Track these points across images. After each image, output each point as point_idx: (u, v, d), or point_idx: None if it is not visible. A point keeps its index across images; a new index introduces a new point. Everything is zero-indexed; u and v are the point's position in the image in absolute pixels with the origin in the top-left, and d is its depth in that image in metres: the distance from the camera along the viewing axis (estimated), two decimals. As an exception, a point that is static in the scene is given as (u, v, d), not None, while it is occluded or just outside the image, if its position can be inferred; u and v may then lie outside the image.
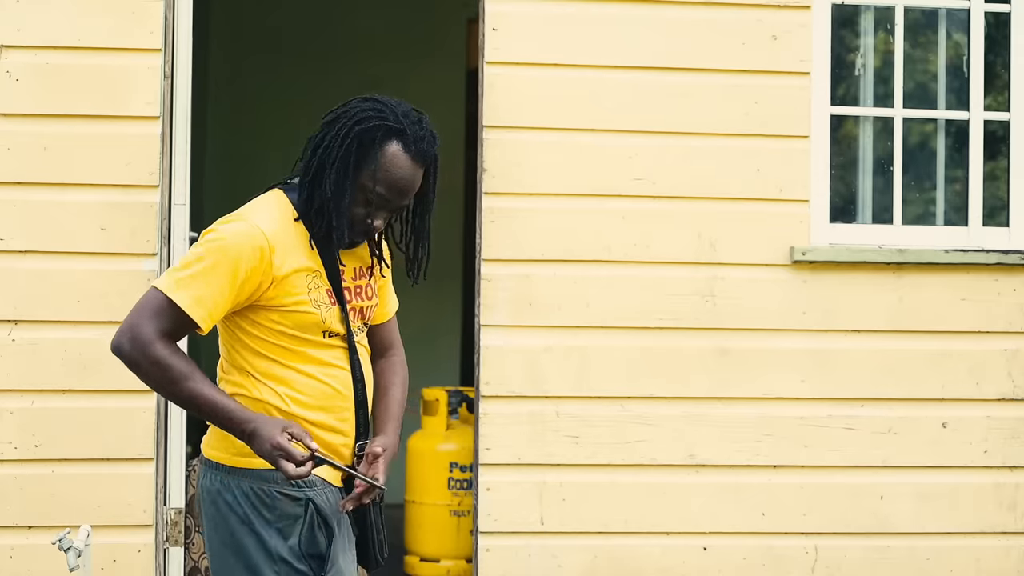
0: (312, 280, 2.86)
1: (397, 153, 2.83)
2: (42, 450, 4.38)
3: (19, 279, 4.40)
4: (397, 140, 2.83)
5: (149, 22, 4.44)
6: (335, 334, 2.90)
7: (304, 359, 2.87)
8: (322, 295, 2.87)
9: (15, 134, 4.41)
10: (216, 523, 2.89)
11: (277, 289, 2.82)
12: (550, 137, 4.60)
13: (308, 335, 2.87)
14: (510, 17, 4.61)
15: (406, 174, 2.84)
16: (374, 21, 7.95)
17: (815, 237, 4.71)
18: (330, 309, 2.88)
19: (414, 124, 2.85)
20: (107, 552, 4.36)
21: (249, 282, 2.79)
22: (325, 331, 2.88)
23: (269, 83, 7.97)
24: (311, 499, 2.89)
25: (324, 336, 2.88)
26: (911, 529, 4.70)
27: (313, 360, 2.88)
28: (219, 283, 2.78)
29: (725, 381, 4.65)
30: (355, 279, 2.95)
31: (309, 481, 2.89)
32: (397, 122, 2.84)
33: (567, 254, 4.60)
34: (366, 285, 2.98)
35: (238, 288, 2.79)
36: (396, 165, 2.83)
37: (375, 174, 2.82)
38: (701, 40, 4.67)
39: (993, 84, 4.94)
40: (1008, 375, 4.74)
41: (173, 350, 2.80)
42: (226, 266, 2.78)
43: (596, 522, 4.59)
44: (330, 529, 2.89)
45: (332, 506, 2.90)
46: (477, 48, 4.67)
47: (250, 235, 2.80)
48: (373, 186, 2.83)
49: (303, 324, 2.85)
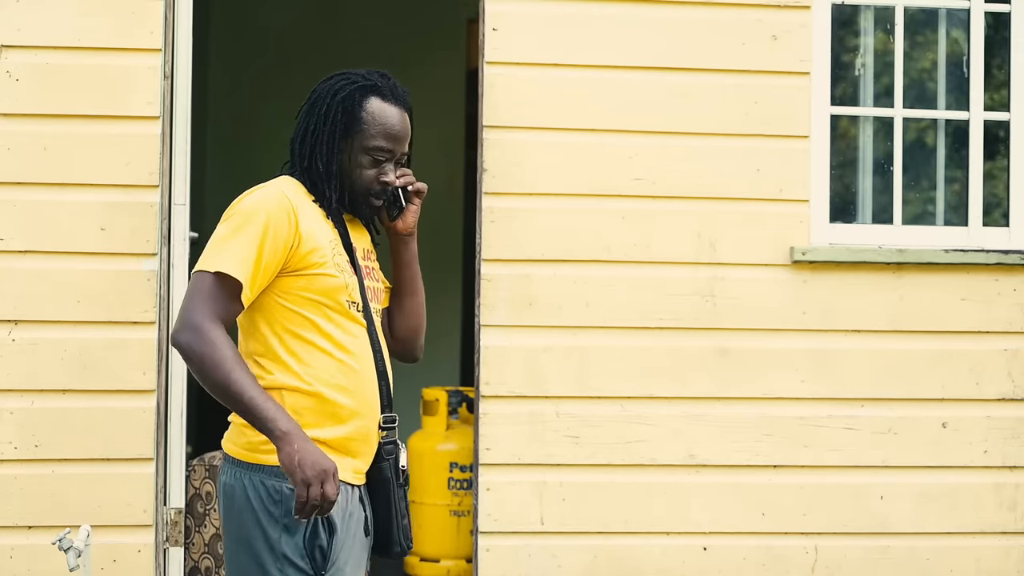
0: (334, 247, 2.90)
1: (380, 104, 2.94)
2: (42, 450, 4.38)
3: (19, 279, 4.40)
4: (374, 94, 2.95)
5: (149, 22, 4.45)
6: (355, 305, 2.91)
7: (324, 335, 2.87)
8: (344, 262, 2.91)
9: (15, 134, 4.41)
10: (229, 517, 2.89)
11: (303, 250, 2.85)
12: (550, 137, 4.60)
13: (332, 303, 2.87)
14: (510, 17, 4.61)
15: (395, 120, 2.94)
16: (374, 21, 7.95)
17: (815, 237, 4.72)
18: (352, 277, 2.91)
19: (381, 77, 2.99)
20: (107, 552, 4.36)
21: (279, 241, 2.82)
22: (350, 300, 2.89)
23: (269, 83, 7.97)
24: None
25: (349, 307, 2.89)
26: (911, 529, 4.70)
27: (331, 336, 2.87)
28: (253, 243, 2.81)
29: (725, 381, 4.65)
30: (364, 258, 2.99)
31: None
32: (367, 80, 2.97)
33: (567, 254, 4.61)
34: (373, 267, 3.02)
35: (271, 248, 2.81)
36: (384, 115, 2.93)
37: (370, 131, 2.92)
38: (701, 40, 4.68)
39: (993, 84, 4.94)
40: (1008, 375, 4.74)
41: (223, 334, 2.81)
42: (257, 227, 2.82)
43: (596, 522, 4.60)
44: (333, 527, 2.88)
45: (340, 505, 2.88)
46: (477, 48, 4.67)
47: (275, 197, 2.86)
48: (372, 142, 2.91)
49: (327, 289, 2.87)
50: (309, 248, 2.85)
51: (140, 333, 4.42)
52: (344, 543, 2.90)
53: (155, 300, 4.42)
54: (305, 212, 2.89)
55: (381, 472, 2.93)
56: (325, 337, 2.87)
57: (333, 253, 2.89)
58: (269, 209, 2.83)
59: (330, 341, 2.87)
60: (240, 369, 2.76)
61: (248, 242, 2.81)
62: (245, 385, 2.75)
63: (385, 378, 2.95)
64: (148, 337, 4.42)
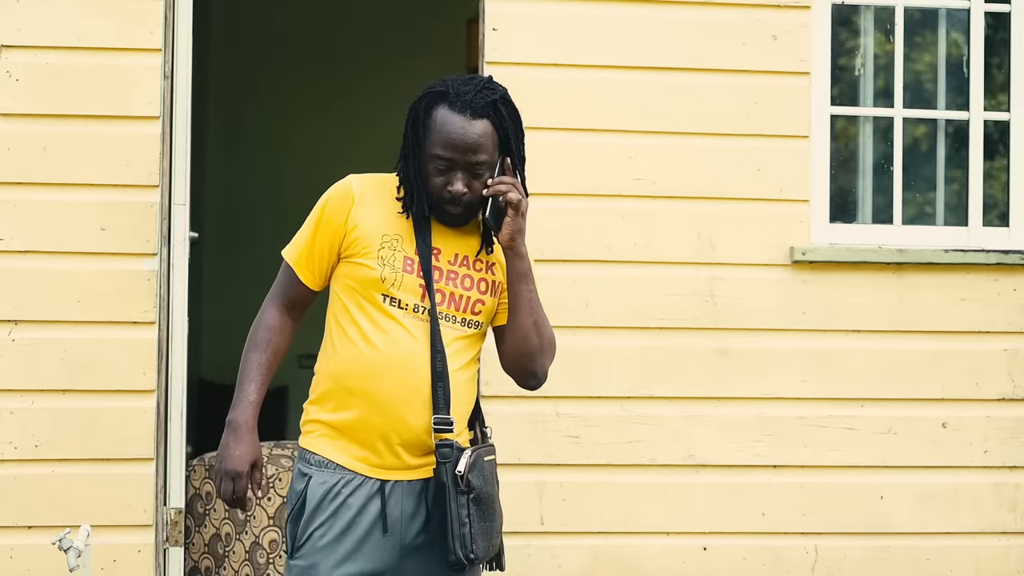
0: (389, 242, 2.93)
1: (443, 112, 2.93)
2: (42, 450, 4.38)
3: (19, 279, 4.40)
4: (441, 102, 2.93)
5: (149, 22, 4.45)
6: (400, 303, 2.91)
7: (354, 323, 2.92)
8: (395, 258, 2.92)
9: (15, 134, 4.41)
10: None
11: (352, 239, 2.93)
12: (550, 137, 4.60)
13: (368, 295, 2.91)
14: (510, 17, 4.61)
15: (456, 128, 2.91)
16: (374, 21, 7.95)
17: (815, 237, 4.72)
18: (399, 274, 2.91)
19: (459, 83, 2.95)
20: (107, 552, 4.36)
21: (332, 227, 2.95)
22: (386, 295, 2.90)
23: (269, 83, 7.98)
24: (310, 477, 2.94)
25: (384, 301, 2.90)
26: (911, 529, 4.70)
27: (359, 326, 2.91)
28: (310, 227, 2.99)
29: (725, 381, 4.65)
30: (452, 264, 2.97)
31: (320, 460, 2.94)
32: (441, 86, 2.96)
33: (567, 254, 4.61)
34: (464, 275, 2.98)
35: (322, 230, 2.96)
36: (445, 123, 2.91)
37: (431, 138, 2.92)
38: (701, 40, 4.68)
39: (993, 84, 4.94)
40: (1008, 375, 4.74)
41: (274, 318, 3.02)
42: (316, 213, 2.99)
43: (596, 522, 4.60)
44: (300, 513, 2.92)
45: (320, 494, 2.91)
46: (477, 48, 4.67)
47: (340, 185, 2.99)
48: (432, 151, 2.92)
49: (363, 279, 2.92)
50: (356, 236, 2.93)
51: (140, 333, 4.42)
52: (328, 533, 2.90)
53: (155, 300, 4.42)
54: (370, 203, 2.96)
55: (438, 477, 2.91)
56: (354, 325, 2.93)
57: (382, 245, 2.92)
58: (330, 196, 2.98)
59: (357, 330, 2.92)
60: (255, 351, 2.99)
61: (306, 228, 3.00)
62: (245, 367, 2.98)
63: (443, 380, 2.91)
64: (148, 337, 4.42)
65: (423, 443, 2.93)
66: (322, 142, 7.90)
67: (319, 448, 2.95)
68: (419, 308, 2.92)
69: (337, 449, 2.93)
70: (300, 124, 7.98)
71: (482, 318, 3.00)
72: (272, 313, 3.02)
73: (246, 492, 2.96)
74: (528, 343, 3.01)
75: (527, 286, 2.98)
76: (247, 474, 2.95)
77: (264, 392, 3.01)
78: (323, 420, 2.96)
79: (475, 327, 3.00)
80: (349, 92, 7.93)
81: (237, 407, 2.97)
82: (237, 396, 2.98)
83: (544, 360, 3.05)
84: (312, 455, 2.95)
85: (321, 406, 2.97)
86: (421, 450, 2.93)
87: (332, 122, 7.97)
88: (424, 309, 2.92)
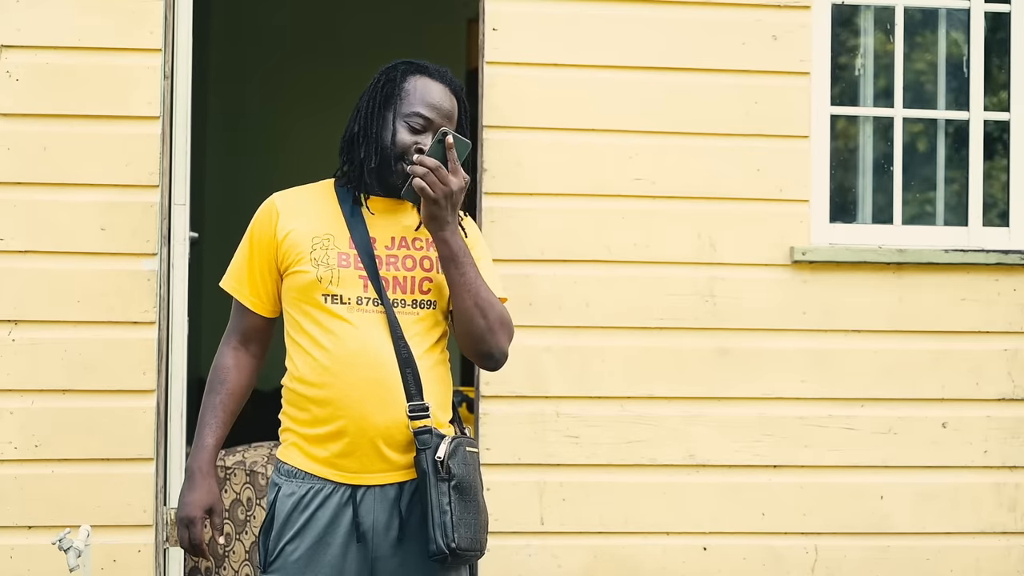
0: (320, 242, 2.92)
1: (424, 80, 2.99)
2: (42, 450, 4.38)
3: (19, 279, 4.40)
4: (420, 72, 3.00)
5: (149, 22, 4.45)
6: (341, 299, 2.88)
7: (303, 332, 2.91)
8: (328, 256, 2.90)
9: (15, 134, 4.41)
10: None
11: (284, 250, 2.94)
12: (550, 137, 4.60)
13: (309, 299, 2.90)
14: (510, 17, 4.61)
15: (437, 93, 2.97)
16: (374, 21, 7.95)
17: (815, 237, 4.72)
18: (334, 271, 2.89)
19: (432, 64, 3.04)
20: (107, 552, 4.36)
21: (262, 244, 2.96)
22: (326, 294, 2.88)
23: (269, 83, 7.98)
24: (279, 488, 2.92)
25: (326, 300, 2.88)
26: (911, 529, 4.70)
27: (308, 332, 2.90)
28: (244, 254, 3.02)
29: (725, 381, 4.65)
30: (390, 248, 2.94)
31: (290, 470, 2.92)
32: (416, 61, 3.04)
33: (567, 254, 4.61)
34: (404, 256, 2.95)
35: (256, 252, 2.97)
36: (428, 87, 2.97)
37: (409, 98, 2.95)
38: (701, 40, 4.68)
39: (993, 84, 4.94)
40: (1008, 375, 4.74)
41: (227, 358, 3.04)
42: (247, 239, 3.02)
43: (596, 522, 4.60)
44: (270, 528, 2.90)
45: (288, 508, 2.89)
46: (477, 48, 4.67)
47: (263, 205, 3.01)
48: (410, 109, 2.94)
49: (301, 286, 2.90)
50: (288, 246, 2.93)
51: (140, 333, 4.42)
52: (299, 547, 2.87)
53: (155, 300, 4.42)
54: (294, 212, 2.95)
55: (417, 464, 2.85)
56: (303, 334, 2.91)
57: (313, 247, 2.90)
58: (256, 218, 3.01)
59: (307, 337, 2.90)
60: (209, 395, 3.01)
61: (240, 255, 3.03)
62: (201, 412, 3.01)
63: (410, 366, 2.87)
64: (148, 337, 4.42)
65: (400, 438, 2.87)
66: (322, 142, 7.90)
67: (290, 457, 2.94)
68: (363, 300, 2.88)
69: (308, 457, 2.90)
70: (300, 124, 7.98)
71: (433, 296, 2.94)
72: (226, 352, 3.03)
73: (201, 539, 2.96)
74: (474, 325, 2.91)
75: (457, 271, 2.88)
76: (200, 519, 2.96)
77: (223, 433, 3.00)
78: (294, 430, 2.95)
79: (428, 307, 2.94)
80: (349, 92, 7.89)
81: (193, 454, 2.99)
82: (195, 443, 3.00)
83: (496, 339, 2.95)
84: (283, 464, 2.94)
85: (291, 417, 2.95)
86: (402, 446, 2.88)
87: (332, 122, 7.96)
88: (368, 300, 2.88)
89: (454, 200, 2.86)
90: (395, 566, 2.88)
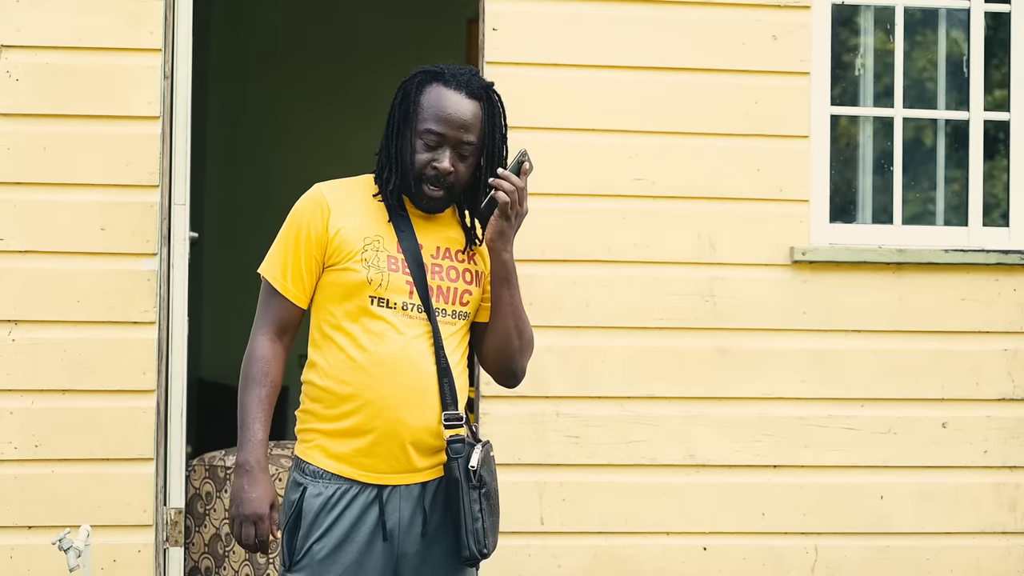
0: (371, 243, 2.91)
1: (439, 89, 2.94)
2: (42, 450, 4.38)
3: (19, 279, 4.40)
4: (435, 80, 2.95)
5: (149, 22, 4.45)
6: (388, 303, 2.89)
7: (342, 330, 2.90)
8: (379, 258, 2.90)
9: (15, 134, 4.41)
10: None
11: (334, 246, 2.91)
12: (550, 137, 4.60)
13: (355, 299, 2.89)
14: (510, 17, 4.61)
15: (451, 104, 2.92)
16: (374, 21, 7.95)
17: (815, 237, 4.72)
18: (384, 274, 2.89)
19: (452, 67, 2.97)
20: (107, 552, 4.36)
21: (311, 238, 2.91)
22: (374, 296, 2.88)
23: (269, 83, 7.97)
24: (305, 488, 2.91)
25: (373, 303, 2.88)
26: (911, 529, 4.70)
27: (348, 331, 2.89)
28: (289, 245, 2.95)
29: (725, 381, 4.65)
30: (435, 258, 2.96)
31: (315, 471, 2.91)
32: (434, 68, 2.97)
33: (567, 254, 4.61)
34: (448, 267, 2.97)
35: (303, 244, 2.91)
36: (440, 98, 2.93)
37: (423, 113, 2.92)
38: (701, 40, 4.68)
39: (993, 84, 4.94)
40: (1008, 375, 4.74)
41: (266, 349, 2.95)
42: (292, 229, 2.95)
43: (596, 522, 4.60)
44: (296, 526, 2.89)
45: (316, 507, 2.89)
46: (477, 48, 4.67)
47: (311, 196, 2.96)
48: (423, 126, 2.91)
49: (349, 284, 2.89)
50: (338, 243, 2.91)
51: (140, 333, 4.42)
52: (326, 545, 2.89)
53: (155, 300, 4.42)
54: (344, 209, 2.93)
55: (450, 472, 2.89)
56: (341, 332, 2.90)
57: (365, 247, 2.90)
58: (304, 209, 2.95)
59: (346, 336, 2.90)
60: (253, 387, 2.92)
61: (284, 245, 2.96)
62: (245, 405, 2.92)
63: (448, 375, 2.90)
64: (148, 337, 4.42)
65: (429, 443, 2.91)
66: (322, 140, 7.91)
67: (314, 458, 2.93)
68: (408, 306, 2.90)
69: (333, 457, 2.91)
70: (300, 124, 7.98)
71: (470, 308, 2.99)
72: (264, 344, 2.95)
73: (268, 535, 2.91)
74: (509, 344, 2.99)
75: (508, 291, 2.96)
76: (268, 515, 2.90)
77: (269, 428, 2.95)
78: (319, 428, 2.94)
79: (464, 318, 2.98)
80: (350, 92, 7.93)
81: (245, 448, 2.90)
82: (243, 437, 2.91)
83: (524, 360, 3.04)
84: (307, 465, 2.93)
85: (316, 414, 2.94)
86: (430, 450, 2.92)
87: (332, 122, 7.97)
88: (414, 306, 2.91)
89: (520, 223, 2.94)
90: (418, 562, 2.92)
